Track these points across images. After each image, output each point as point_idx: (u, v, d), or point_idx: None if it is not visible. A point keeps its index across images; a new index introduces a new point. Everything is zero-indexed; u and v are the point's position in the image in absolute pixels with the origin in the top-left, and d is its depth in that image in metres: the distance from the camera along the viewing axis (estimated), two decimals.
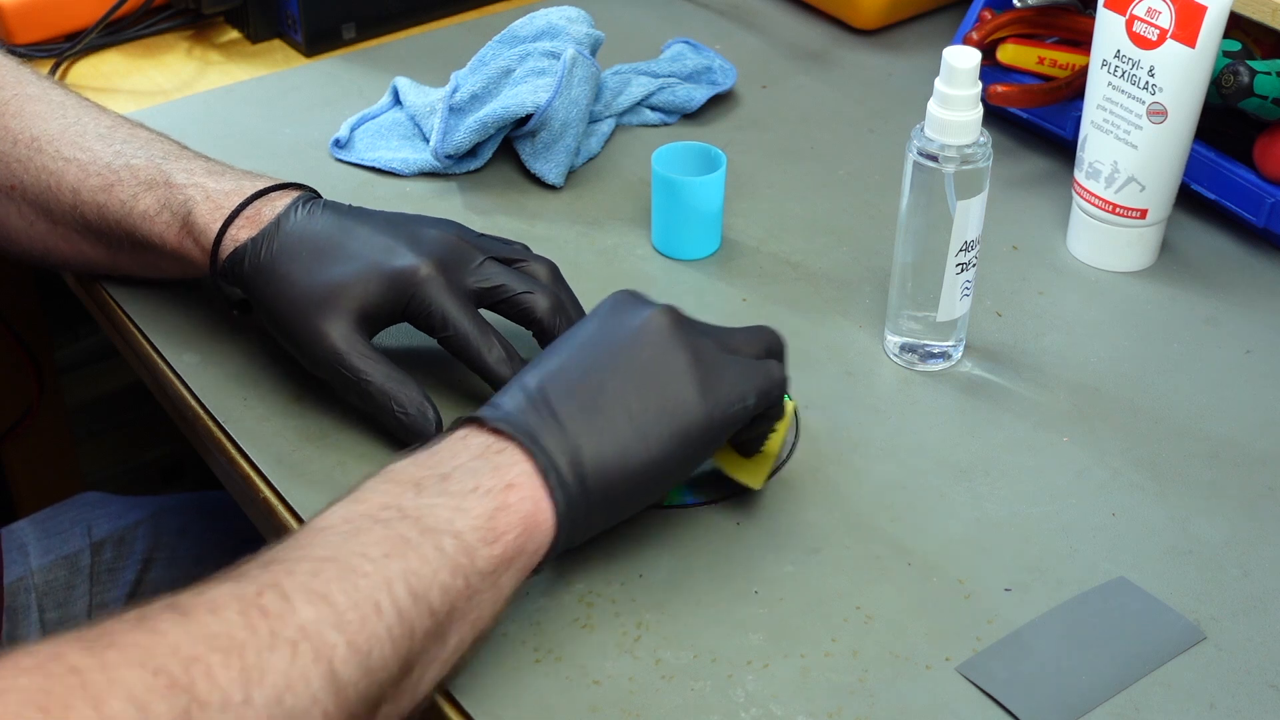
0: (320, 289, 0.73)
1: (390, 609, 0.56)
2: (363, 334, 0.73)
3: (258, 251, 0.74)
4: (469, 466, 0.61)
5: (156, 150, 0.80)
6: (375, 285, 0.73)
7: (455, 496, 0.60)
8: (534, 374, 0.65)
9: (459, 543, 0.59)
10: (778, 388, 0.68)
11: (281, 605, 0.53)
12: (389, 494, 0.60)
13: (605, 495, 0.63)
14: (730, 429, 0.66)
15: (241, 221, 0.75)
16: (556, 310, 0.74)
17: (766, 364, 0.68)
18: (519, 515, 0.61)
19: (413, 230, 0.75)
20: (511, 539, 0.60)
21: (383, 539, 0.57)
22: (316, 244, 0.74)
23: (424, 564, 0.57)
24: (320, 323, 0.72)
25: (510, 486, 0.61)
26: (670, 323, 0.66)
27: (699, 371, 0.65)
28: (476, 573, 0.59)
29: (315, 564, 0.56)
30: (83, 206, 0.79)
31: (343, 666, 0.53)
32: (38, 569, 0.99)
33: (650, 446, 0.64)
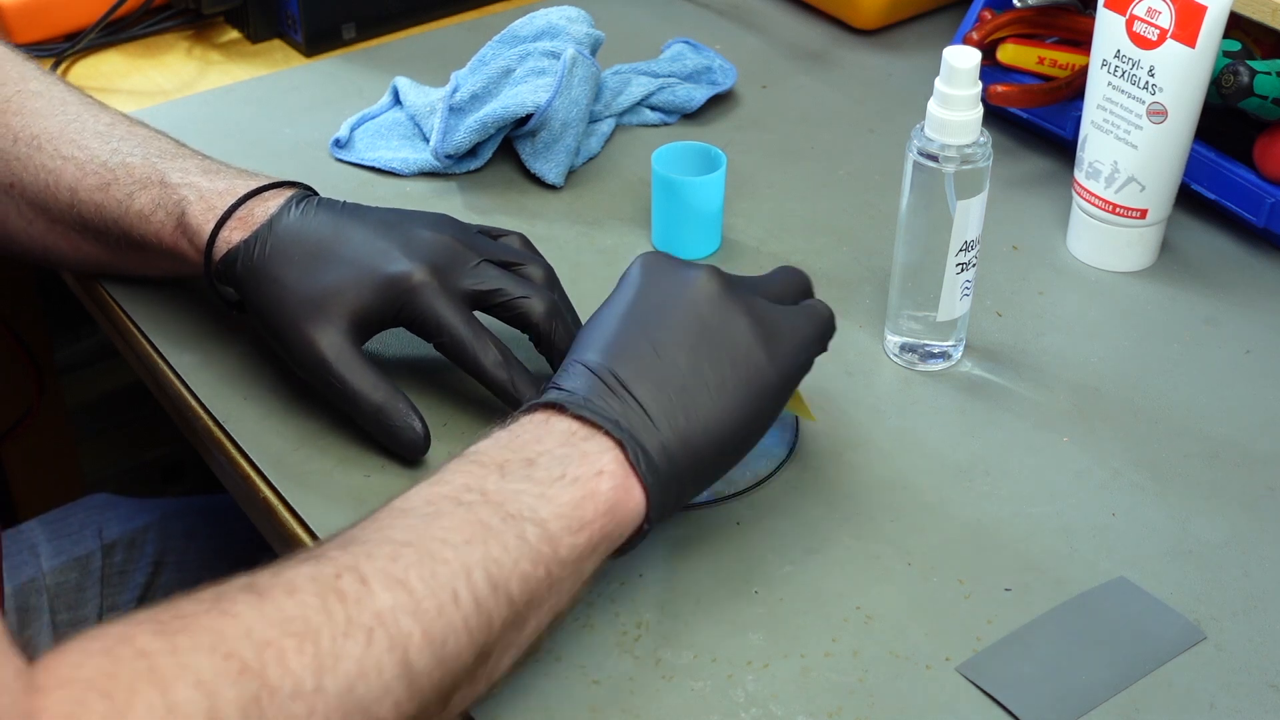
0: (312, 294, 0.72)
1: (468, 598, 0.55)
2: (354, 341, 0.72)
3: (250, 254, 0.73)
4: (555, 453, 0.60)
5: (153, 148, 0.79)
6: (368, 291, 0.72)
7: (540, 484, 0.59)
8: (593, 353, 0.64)
9: (542, 531, 0.58)
10: (830, 323, 0.69)
11: (359, 589, 0.53)
12: (472, 475, 0.59)
13: (695, 469, 0.63)
14: (799, 380, 0.68)
15: (234, 223, 0.75)
16: (553, 315, 0.73)
17: (814, 306, 0.69)
18: (608, 503, 0.60)
19: (407, 232, 0.74)
20: (598, 527, 0.60)
21: (464, 523, 0.57)
22: (308, 247, 0.73)
23: (505, 552, 0.57)
24: (310, 330, 0.72)
25: (600, 474, 0.60)
26: (720, 285, 0.66)
27: (761, 330, 0.65)
28: (559, 561, 0.58)
29: (395, 547, 0.55)
30: (80, 205, 0.79)
31: (417, 656, 0.53)
32: (49, 570, 0.99)
33: (735, 414, 0.64)
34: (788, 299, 0.69)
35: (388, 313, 0.73)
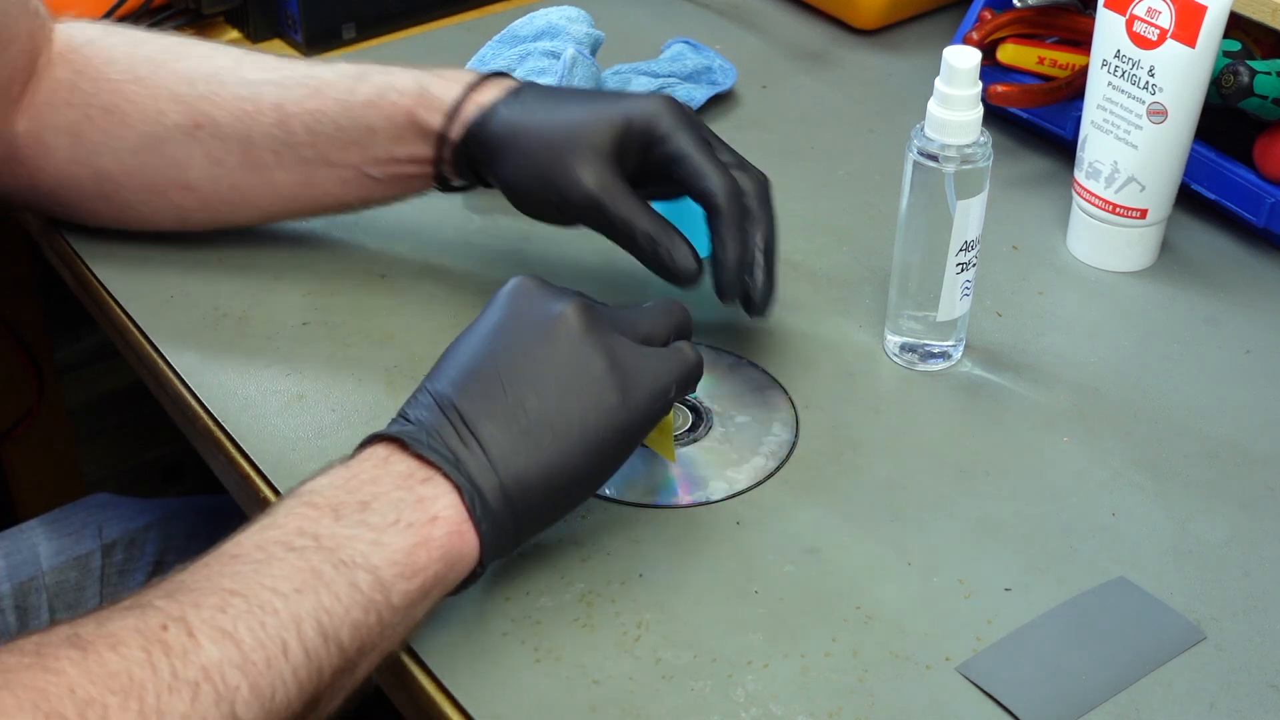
0: (572, 133, 0.74)
1: (298, 649, 0.55)
2: (618, 175, 0.75)
3: (510, 106, 0.77)
4: (391, 497, 0.60)
5: (339, 63, 0.82)
6: (623, 125, 0.75)
7: (374, 529, 0.59)
8: (444, 383, 0.63)
9: (375, 578, 0.58)
10: (695, 370, 0.67)
11: (186, 642, 0.52)
12: (305, 519, 0.58)
13: (531, 513, 0.63)
14: (653, 425, 0.66)
15: (483, 88, 0.78)
16: (743, 197, 0.75)
17: (679, 350, 0.67)
18: (441, 549, 0.60)
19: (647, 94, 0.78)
20: (431, 573, 0.59)
21: (295, 571, 0.56)
22: (560, 99, 0.77)
23: (336, 601, 0.56)
24: (579, 165, 0.74)
25: (434, 520, 0.60)
26: (584, 322, 0.64)
27: (617, 374, 0.64)
28: (390, 608, 0.58)
29: (224, 596, 0.54)
30: (289, 120, 0.80)
31: (244, 710, 0.52)
32: (49, 570, 0.99)
33: (576, 460, 0.63)
34: (657, 338, 0.67)
35: (638, 144, 0.75)
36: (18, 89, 0.82)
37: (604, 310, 0.67)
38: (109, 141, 0.83)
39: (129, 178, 0.84)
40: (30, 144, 0.83)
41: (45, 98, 0.83)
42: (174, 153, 0.82)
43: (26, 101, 0.83)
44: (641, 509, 0.72)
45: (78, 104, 0.82)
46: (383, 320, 0.84)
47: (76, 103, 0.82)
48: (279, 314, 0.84)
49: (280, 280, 0.87)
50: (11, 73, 0.81)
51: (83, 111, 0.82)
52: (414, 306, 0.85)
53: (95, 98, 0.82)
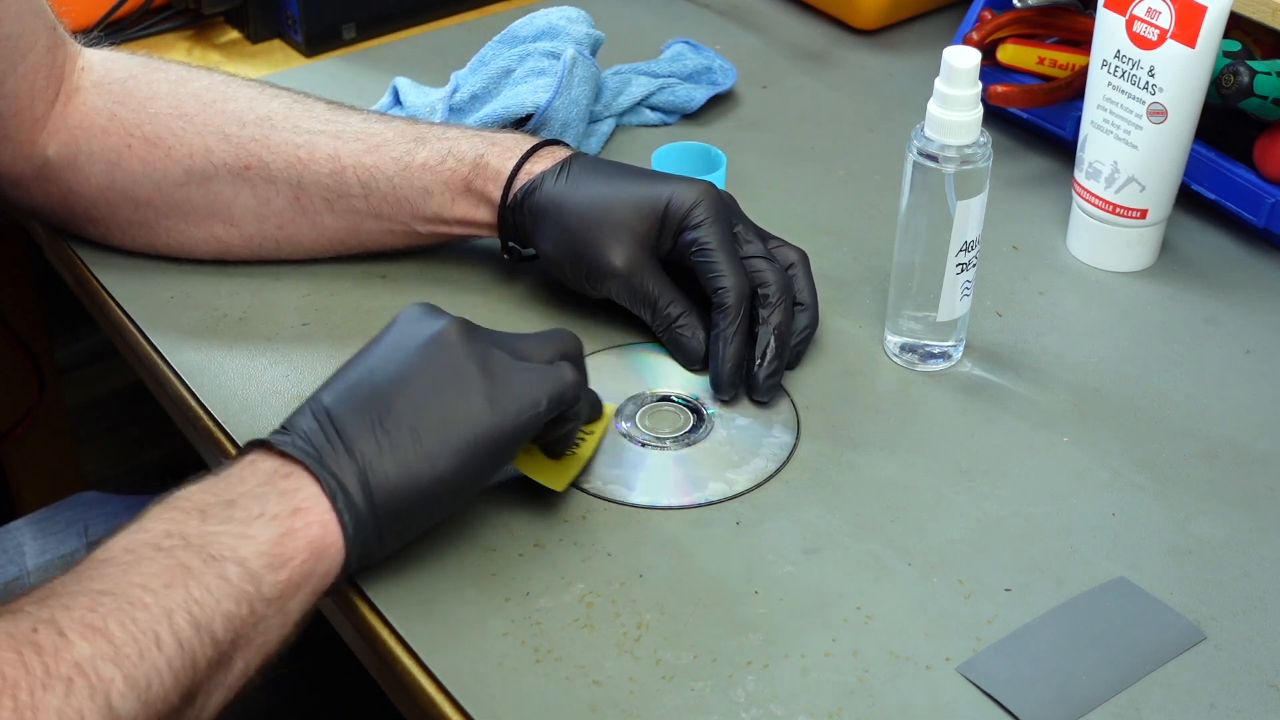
0: (610, 212, 0.78)
1: (170, 641, 0.56)
2: (650, 254, 0.78)
3: (555, 179, 0.80)
4: (255, 493, 0.61)
5: (393, 119, 0.85)
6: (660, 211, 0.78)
7: (240, 523, 0.60)
8: (325, 393, 0.66)
9: (243, 570, 0.59)
10: (571, 390, 0.68)
11: (57, 641, 0.53)
12: (173, 521, 0.60)
13: (394, 514, 0.64)
14: (523, 437, 0.67)
15: (535, 159, 0.81)
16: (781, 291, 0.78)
17: (558, 368, 0.68)
18: (306, 540, 0.61)
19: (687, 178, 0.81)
20: (299, 564, 0.61)
21: (164, 569, 0.57)
22: (605, 176, 0.80)
23: (207, 593, 0.57)
24: (612, 242, 0.78)
25: (297, 511, 0.61)
26: (459, 336, 0.66)
27: (486, 382, 0.65)
28: (262, 599, 0.59)
29: (93, 597, 0.55)
30: (344, 172, 0.82)
31: (120, 701, 0.53)
32: (34, 569, 0.99)
33: (436, 463, 0.64)
34: (540, 358, 0.69)
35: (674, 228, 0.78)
36: (42, 107, 0.82)
37: (487, 331, 0.69)
38: (149, 172, 0.83)
39: (171, 209, 0.85)
40: (63, 167, 0.84)
41: (79, 122, 0.83)
42: (220, 190, 0.84)
43: (57, 124, 0.83)
44: (641, 509, 0.72)
45: (116, 132, 0.83)
46: (383, 321, 0.83)
47: (115, 131, 0.83)
48: (279, 314, 0.84)
49: (280, 280, 0.87)
50: (32, 87, 0.81)
51: (122, 140, 0.83)
52: None
53: (137, 128, 0.83)
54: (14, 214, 0.91)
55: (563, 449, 0.72)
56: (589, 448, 0.73)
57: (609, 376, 0.79)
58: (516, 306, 0.85)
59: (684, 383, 0.79)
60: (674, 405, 0.78)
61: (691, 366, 0.79)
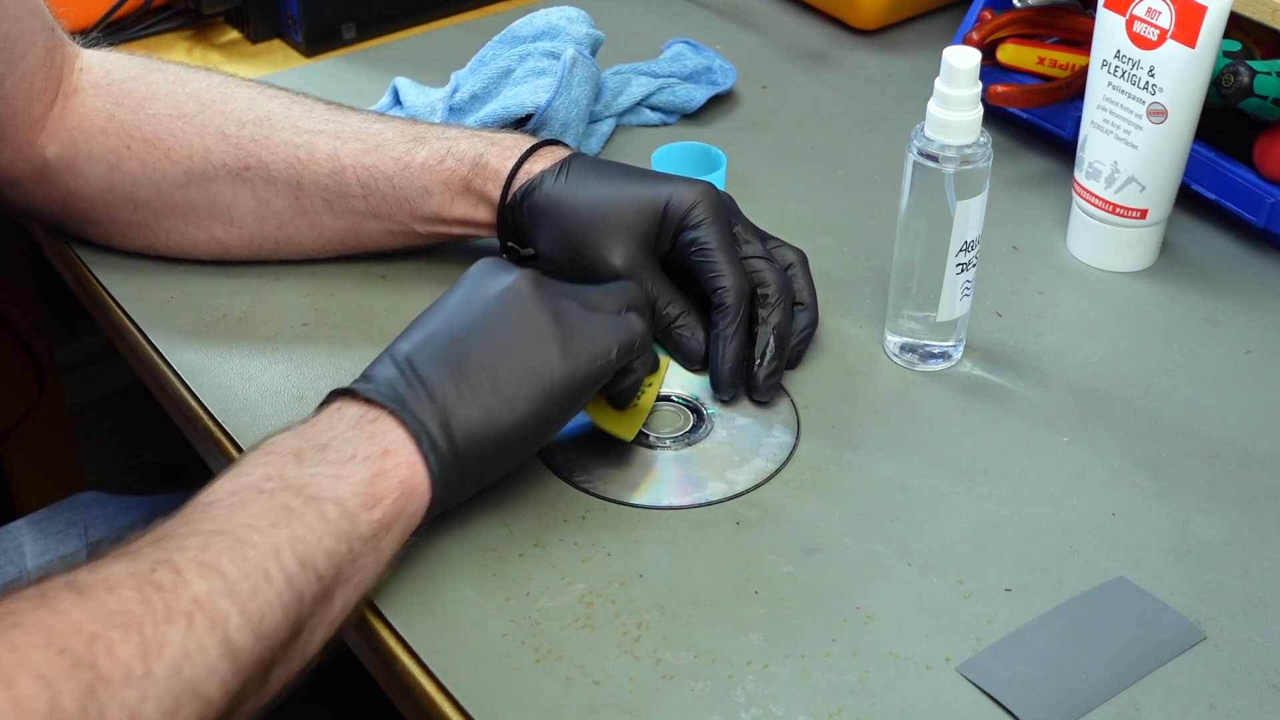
0: (610, 211, 0.78)
1: (279, 576, 0.58)
2: (649, 254, 0.78)
3: (554, 178, 0.80)
4: (346, 436, 0.64)
5: (392, 119, 0.85)
6: (658, 210, 0.78)
7: (334, 465, 0.63)
8: (403, 343, 0.68)
9: (341, 509, 0.61)
10: (640, 339, 0.70)
11: (174, 579, 0.56)
12: (271, 465, 0.62)
13: (476, 457, 0.66)
14: (595, 384, 0.69)
15: (534, 158, 0.81)
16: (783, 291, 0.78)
17: (627, 318, 0.71)
18: (396, 480, 0.63)
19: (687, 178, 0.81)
20: (390, 503, 0.63)
21: (268, 509, 0.60)
22: (604, 176, 0.80)
23: (309, 531, 0.60)
24: (610, 242, 0.78)
25: (386, 453, 0.64)
26: (531, 286, 0.69)
27: (560, 331, 0.68)
28: (359, 537, 0.62)
29: (204, 537, 0.58)
30: (344, 172, 0.82)
31: (237, 634, 0.56)
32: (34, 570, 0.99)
33: (515, 408, 0.66)
34: (608, 308, 0.71)
35: (673, 228, 0.78)
36: (40, 108, 0.82)
37: (555, 282, 0.71)
38: (148, 173, 0.83)
39: (170, 210, 0.85)
40: (62, 168, 0.84)
41: (78, 123, 0.83)
42: (220, 190, 0.84)
43: (56, 125, 0.83)
44: (641, 509, 0.72)
45: (115, 134, 0.83)
46: (383, 321, 0.84)
47: (114, 132, 0.83)
48: (279, 314, 0.84)
49: (280, 280, 0.87)
50: (30, 88, 0.81)
51: (121, 141, 0.83)
52: (414, 307, 0.84)
53: (136, 129, 0.83)
54: (13, 215, 0.91)
55: (628, 399, 0.73)
56: (649, 398, 0.75)
57: None
58: None
59: (684, 383, 0.79)
60: (674, 405, 0.78)
61: (691, 366, 0.79)
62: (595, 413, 0.73)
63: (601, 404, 0.73)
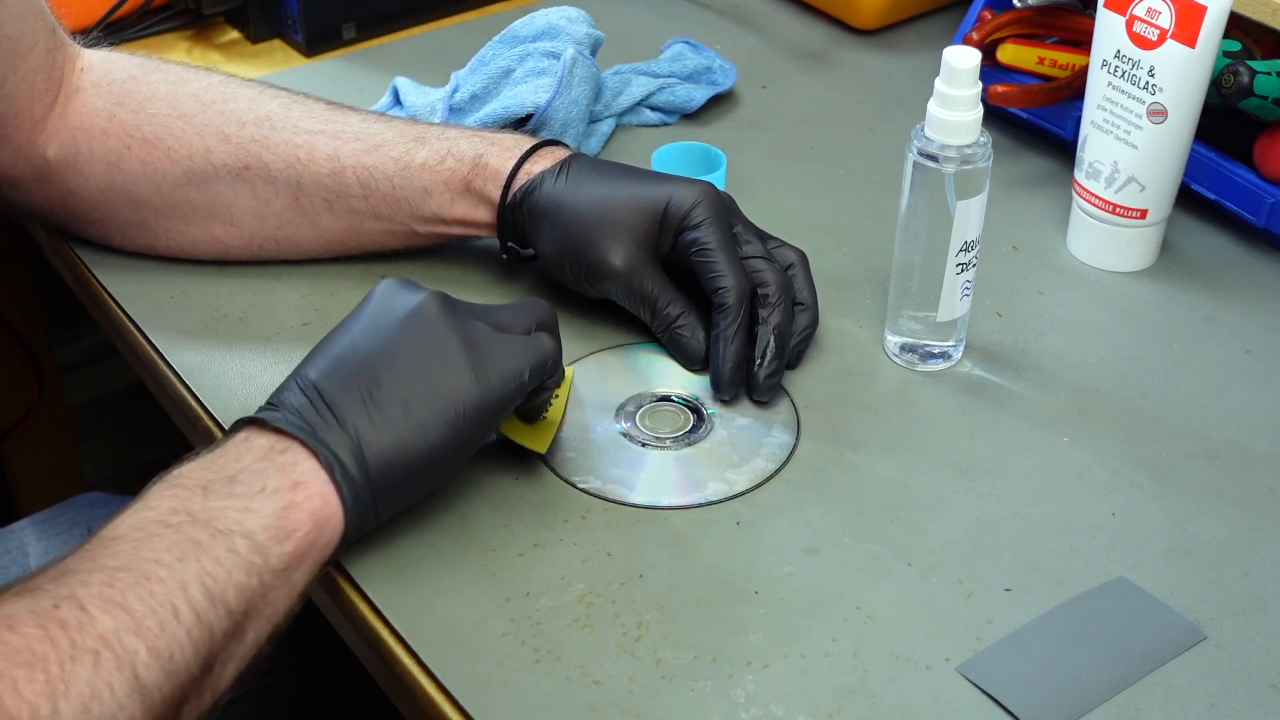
0: (610, 212, 0.78)
1: (188, 612, 0.57)
2: (649, 254, 0.79)
3: (554, 178, 0.80)
4: (254, 468, 0.63)
5: (392, 119, 0.85)
6: (659, 210, 0.78)
7: (243, 498, 0.62)
8: (310, 368, 0.67)
9: (251, 542, 0.60)
10: (551, 359, 0.70)
11: (79, 616, 0.54)
12: (177, 498, 0.61)
13: (389, 484, 0.65)
14: (509, 406, 0.69)
15: (534, 159, 0.81)
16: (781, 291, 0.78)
17: (538, 338, 0.70)
18: (308, 512, 0.62)
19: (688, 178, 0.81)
20: (302, 535, 0.62)
21: (175, 543, 0.59)
22: (605, 176, 0.80)
23: (218, 565, 0.59)
24: (610, 242, 0.78)
25: (297, 485, 0.63)
26: (440, 308, 0.68)
27: (470, 354, 0.67)
28: (270, 570, 0.61)
29: (109, 573, 0.57)
30: (344, 172, 0.82)
31: (145, 672, 0.55)
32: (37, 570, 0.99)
33: (428, 433, 0.65)
34: (517, 328, 0.70)
35: (673, 229, 0.78)
36: (41, 108, 0.82)
37: (462, 302, 0.70)
38: (148, 173, 0.83)
39: (170, 210, 0.85)
40: (63, 168, 0.84)
41: (78, 123, 0.83)
42: (220, 190, 0.84)
43: (56, 125, 0.83)
44: (641, 509, 0.72)
45: (116, 133, 0.83)
46: None
47: (114, 132, 0.83)
48: (279, 314, 0.84)
49: (280, 280, 0.87)
50: (31, 89, 0.81)
51: (121, 141, 0.83)
52: None
53: (136, 129, 0.83)
54: (13, 215, 0.91)
55: (538, 415, 0.73)
56: (558, 410, 0.75)
57: (609, 376, 0.79)
58: None
59: (684, 383, 0.79)
60: (674, 405, 0.78)
61: (691, 366, 0.79)
62: (507, 429, 0.73)
63: (512, 420, 0.73)
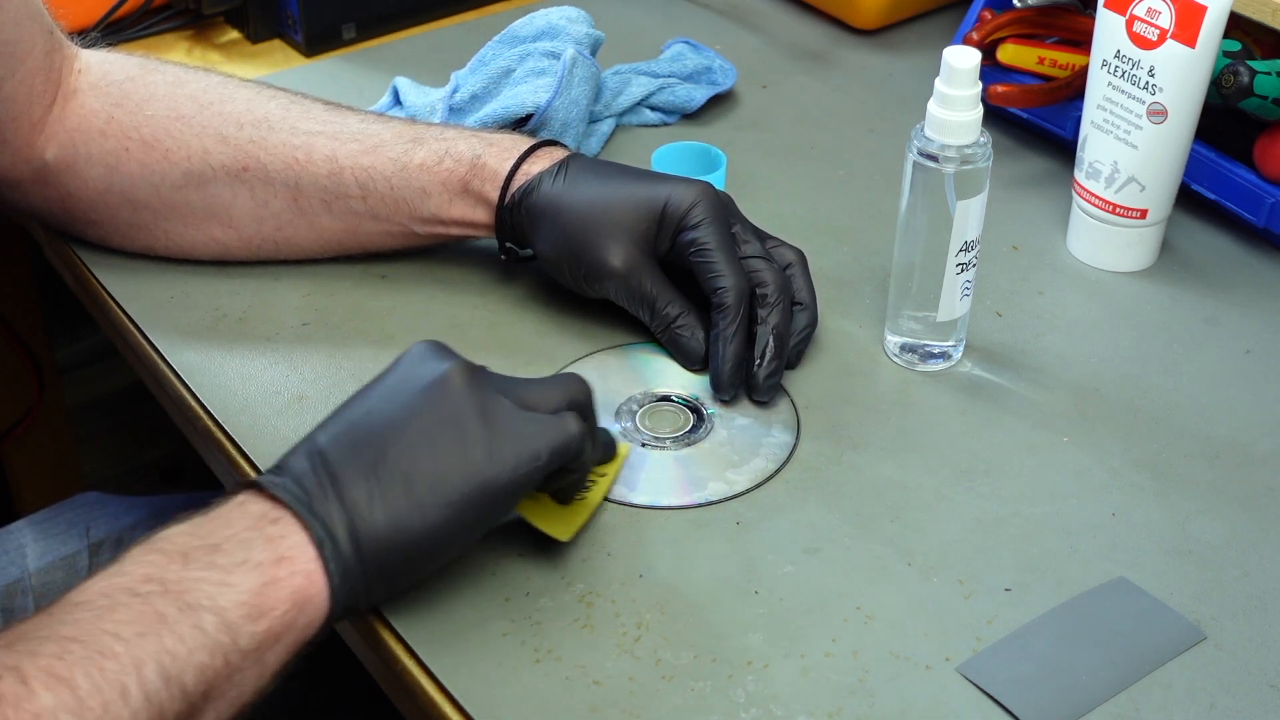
0: (609, 206, 0.78)
1: (137, 693, 0.54)
2: (647, 254, 0.79)
3: (552, 179, 0.80)
4: (241, 537, 0.60)
5: (391, 120, 0.85)
6: (657, 210, 0.78)
7: (222, 570, 0.58)
8: (323, 433, 0.64)
9: (220, 620, 0.57)
10: (574, 442, 0.65)
11: (19, 690, 0.52)
12: (154, 565, 0.58)
13: (382, 566, 0.62)
14: (521, 490, 0.64)
15: (533, 159, 0.81)
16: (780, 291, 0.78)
17: (562, 419, 0.65)
18: (289, 590, 0.59)
19: (686, 179, 0.81)
20: (279, 614, 0.59)
21: (138, 615, 0.56)
22: (602, 176, 0.80)
23: (180, 644, 0.56)
24: (610, 242, 0.78)
25: (281, 560, 0.59)
26: (463, 380, 0.64)
27: (485, 431, 0.63)
28: (238, 651, 0.58)
29: (61, 644, 0.54)
30: (342, 173, 0.82)
31: None
32: (35, 571, 0.99)
33: (427, 515, 0.61)
34: (544, 406, 0.66)
35: (672, 229, 0.78)
36: (40, 111, 0.82)
37: (493, 375, 0.66)
38: (147, 175, 0.83)
39: (169, 211, 0.85)
40: (61, 170, 0.84)
41: (77, 125, 0.83)
42: (218, 192, 0.84)
43: (55, 127, 0.83)
44: (641, 509, 0.72)
45: (114, 135, 0.83)
46: (383, 321, 0.84)
47: (113, 134, 0.83)
48: (279, 314, 0.84)
49: (280, 280, 0.87)
50: (30, 91, 0.81)
51: (120, 143, 0.83)
52: (414, 307, 0.85)
53: (135, 130, 0.83)
54: (13, 215, 0.91)
55: (570, 496, 0.69)
56: (599, 492, 0.71)
57: (609, 376, 0.79)
58: (515, 307, 0.85)
59: (684, 383, 0.79)
60: (674, 405, 0.78)
61: (691, 366, 0.79)
62: (529, 509, 0.68)
63: (540, 499, 0.68)
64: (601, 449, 0.71)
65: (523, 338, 0.82)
